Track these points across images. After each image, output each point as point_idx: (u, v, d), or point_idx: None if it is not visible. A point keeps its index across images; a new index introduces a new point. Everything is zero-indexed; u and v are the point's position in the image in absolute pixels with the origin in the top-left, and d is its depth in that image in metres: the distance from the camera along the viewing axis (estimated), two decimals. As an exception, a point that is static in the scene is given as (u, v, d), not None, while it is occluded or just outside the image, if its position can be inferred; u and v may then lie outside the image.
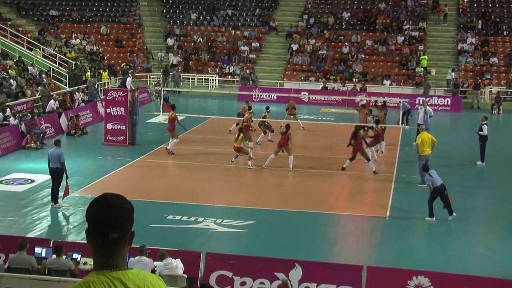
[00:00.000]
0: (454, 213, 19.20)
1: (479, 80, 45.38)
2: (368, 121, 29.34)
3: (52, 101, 32.76)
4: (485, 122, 26.49)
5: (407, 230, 18.80)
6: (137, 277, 3.47)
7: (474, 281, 13.46)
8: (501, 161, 27.77)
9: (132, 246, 10.04)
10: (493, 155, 26.55)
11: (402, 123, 32.11)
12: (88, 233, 3.46)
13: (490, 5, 53.54)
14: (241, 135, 24.71)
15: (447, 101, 43.11)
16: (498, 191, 23.66)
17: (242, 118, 28.25)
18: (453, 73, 45.61)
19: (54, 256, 13.31)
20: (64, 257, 13.27)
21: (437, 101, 42.97)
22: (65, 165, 19.56)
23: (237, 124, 27.70)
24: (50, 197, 19.89)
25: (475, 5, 53.97)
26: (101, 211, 3.42)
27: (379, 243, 18.09)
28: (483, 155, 26.45)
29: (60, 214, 19.35)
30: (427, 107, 30.31)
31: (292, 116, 32.77)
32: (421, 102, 33.60)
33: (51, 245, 14.16)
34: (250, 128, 27.97)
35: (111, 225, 3.41)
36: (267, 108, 30.95)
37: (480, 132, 26.25)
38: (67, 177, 19.55)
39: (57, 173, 19.54)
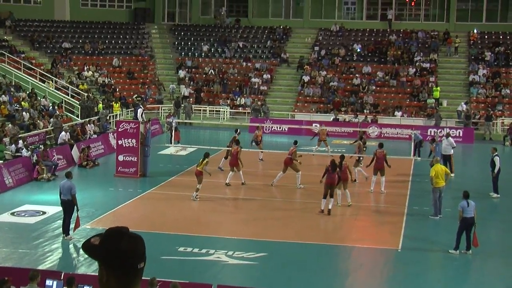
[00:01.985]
0: (470, 251, 19.01)
1: (491, 112, 45.31)
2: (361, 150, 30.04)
3: (63, 132, 32.91)
4: (496, 153, 26.38)
5: (420, 263, 18.63)
6: None
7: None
8: (513, 192, 27.59)
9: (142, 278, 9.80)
10: (506, 187, 26.38)
11: (414, 154, 32.06)
12: (110, 268, 3.42)
13: (501, 37, 53.64)
14: (206, 159, 24.57)
15: (459, 132, 42.99)
16: (511, 224, 23.49)
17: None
18: (465, 105, 45.55)
19: (65, 288, 13.26)
20: (75, 289, 13.21)
21: (449, 132, 42.78)
22: (76, 197, 19.58)
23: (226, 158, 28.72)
24: (61, 229, 19.89)
25: (486, 36, 54.08)
26: (129, 242, 3.43)
27: (391, 276, 17.94)
28: (496, 187, 26.30)
29: (71, 246, 19.33)
30: (450, 138, 30.61)
31: (322, 142, 33.25)
32: (444, 134, 33.71)
33: (62, 277, 14.12)
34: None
35: (140, 255, 3.46)
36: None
37: (495, 170, 26.09)
38: (78, 209, 19.57)
39: (68, 205, 19.57)
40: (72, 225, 19.69)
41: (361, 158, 28.07)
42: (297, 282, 16.25)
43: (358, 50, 53.16)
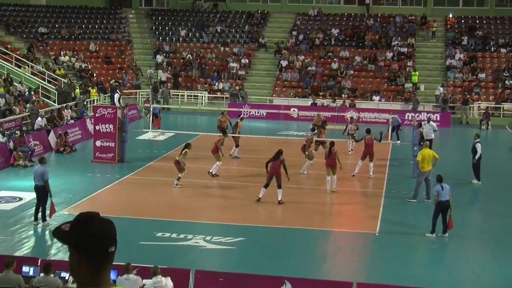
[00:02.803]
0: (447, 234, 19.17)
1: (468, 96, 45.61)
2: (350, 129, 30.95)
3: (39, 118, 32.66)
4: (478, 140, 26.38)
5: (397, 246, 18.75)
6: None
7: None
8: (491, 176, 27.82)
9: (118, 264, 9.88)
10: (483, 171, 26.58)
11: (391, 138, 32.25)
12: (81, 252, 3.42)
13: (477, 21, 53.91)
14: (185, 150, 24.31)
15: (436, 116, 43.19)
16: (489, 207, 23.73)
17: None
18: (442, 89, 45.83)
19: (42, 274, 13.20)
20: (52, 275, 13.15)
21: (430, 116, 43.02)
22: (49, 183, 19.39)
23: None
24: (34, 214, 19.74)
25: (463, 21, 54.32)
26: (99, 226, 3.42)
27: (369, 259, 18.05)
28: (477, 173, 26.34)
29: (48, 232, 19.22)
30: (431, 122, 30.81)
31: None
32: (425, 118, 33.88)
33: (39, 264, 14.05)
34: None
35: (111, 239, 3.45)
36: (240, 116, 31.00)
37: (476, 157, 26.15)
38: (51, 195, 19.39)
39: (41, 191, 19.39)
40: (48, 212, 19.56)
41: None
42: (275, 267, 16.28)
43: (336, 35, 53.22)
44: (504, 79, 47.78)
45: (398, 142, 32.34)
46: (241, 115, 31.96)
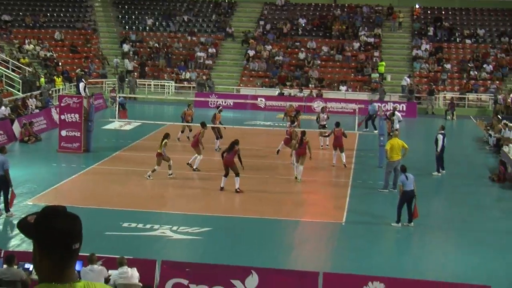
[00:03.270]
0: (412, 223, 19.31)
1: (433, 86, 45.99)
2: (322, 118, 30.74)
3: (3, 107, 32.21)
4: (442, 132, 26.52)
5: (364, 236, 18.85)
6: None
7: (428, 286, 13.56)
8: (455, 166, 28.10)
9: (83, 255, 9.74)
10: (446, 160, 26.82)
11: (366, 127, 32.41)
12: (43, 247, 3.34)
13: (443, 12, 54.35)
14: (165, 140, 24.16)
15: (402, 107, 43.49)
16: (452, 196, 24.00)
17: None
18: (409, 79, 46.15)
19: (5, 266, 13.02)
20: (15, 267, 12.99)
21: (396, 106, 43.28)
22: (9, 172, 19.06)
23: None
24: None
25: (429, 11, 54.72)
26: (62, 222, 3.33)
27: (335, 249, 18.14)
28: (439, 164, 26.48)
29: (11, 223, 18.97)
30: (396, 112, 30.90)
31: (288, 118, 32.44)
32: (376, 109, 33.91)
33: (1, 255, 13.86)
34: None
35: (74, 235, 3.35)
36: (219, 108, 30.95)
37: (438, 149, 26.25)
38: (11, 185, 19.10)
39: (1, 181, 19.06)
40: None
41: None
42: (242, 257, 16.28)
43: (303, 25, 53.26)
44: (469, 70, 48.28)
45: (375, 131, 32.38)
46: (220, 107, 31.73)
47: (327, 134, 28.88)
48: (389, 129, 29.01)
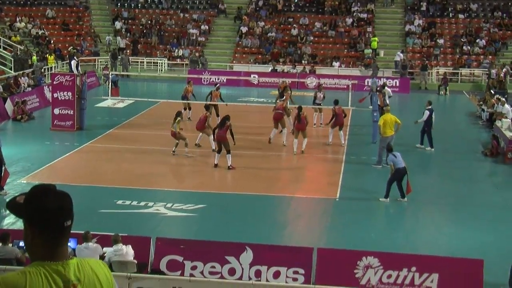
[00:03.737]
0: (405, 198, 19.38)
1: (426, 62, 45.96)
2: (319, 97, 29.91)
3: (-5, 86, 32.12)
4: (429, 107, 26.53)
5: (357, 212, 18.93)
6: (78, 268, 3.40)
7: (422, 261, 13.65)
8: (448, 141, 28.18)
9: (77, 232, 9.77)
10: (439, 136, 26.89)
11: (372, 104, 32.40)
12: (35, 226, 3.35)
13: (436, -13, 54.15)
14: (178, 118, 24.12)
15: (395, 82, 43.52)
16: (445, 171, 24.09)
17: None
18: (402, 54, 46.11)
19: (0, 244, 13.06)
20: (10, 245, 13.03)
21: (385, 82, 43.29)
22: (1, 150, 18.99)
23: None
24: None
25: (422, -13, 54.48)
26: (53, 200, 3.35)
27: (329, 225, 18.21)
28: (426, 139, 26.47)
29: (5, 201, 18.95)
30: (386, 88, 30.78)
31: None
32: (378, 84, 33.86)
33: (-4, 234, 13.87)
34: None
35: (66, 213, 3.37)
36: (216, 86, 30.47)
37: (419, 120, 26.26)
38: (3, 164, 19.04)
39: None
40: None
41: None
42: (236, 233, 16.34)
43: (295, 0, 53.03)
44: (462, 44, 48.23)
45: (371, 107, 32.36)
46: (218, 84, 31.21)
47: (331, 119, 26.62)
48: (381, 102, 28.88)
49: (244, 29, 50.21)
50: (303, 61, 47.36)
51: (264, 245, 14.45)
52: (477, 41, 48.30)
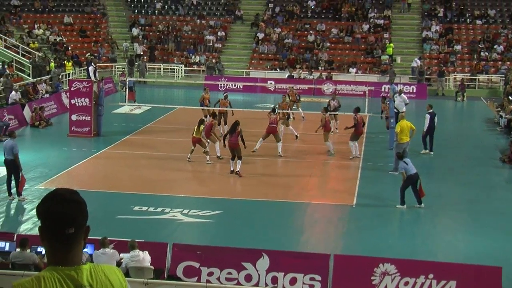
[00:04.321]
0: (422, 204, 19.31)
1: (444, 68, 45.78)
2: (332, 105, 29.67)
3: (13, 92, 32.31)
4: (431, 111, 26.41)
5: (374, 218, 18.88)
6: (90, 273, 3.42)
7: (440, 267, 13.57)
8: (464, 147, 28.05)
9: (94, 238, 9.84)
10: (457, 142, 26.77)
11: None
12: (42, 230, 3.39)
13: (453, -7, 53.97)
14: (202, 126, 24.19)
15: (413, 88, 43.38)
16: (462, 177, 23.91)
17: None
18: (419, 61, 45.97)
19: (18, 249, 13.13)
20: (28, 250, 13.10)
21: (403, 88, 43.11)
22: (18, 156, 19.14)
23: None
24: (7, 189, 19.53)
25: (439, -8, 54.34)
26: (56, 206, 3.36)
27: (346, 231, 18.15)
28: (426, 143, 26.33)
29: (24, 207, 19.10)
30: (402, 94, 30.59)
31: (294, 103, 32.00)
32: (397, 90, 33.70)
33: (15, 239, 13.97)
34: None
35: (68, 220, 3.36)
36: (224, 94, 30.19)
37: (424, 128, 25.97)
38: (21, 169, 19.18)
39: (11, 165, 19.14)
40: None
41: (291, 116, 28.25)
42: (252, 239, 16.34)
43: (312, 7, 53.02)
44: (480, 50, 48.00)
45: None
46: (226, 93, 30.86)
47: (351, 126, 25.56)
48: (387, 112, 28.48)
49: (260, 36, 50.27)
50: (319, 67, 47.33)
51: (281, 251, 14.43)
52: (494, 47, 48.07)
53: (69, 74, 42.13)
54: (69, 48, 48.15)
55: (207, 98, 29.96)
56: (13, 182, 19.44)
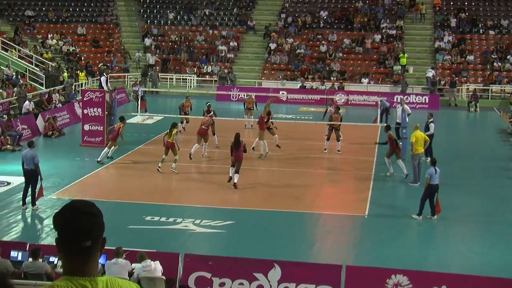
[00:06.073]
0: (435, 216, 19.20)
1: (456, 78, 45.67)
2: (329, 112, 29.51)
3: (27, 102, 32.49)
4: (431, 119, 26.39)
5: (386, 229, 18.81)
6: (106, 285, 3.41)
7: (453, 279, 13.50)
8: (477, 158, 27.92)
9: (107, 248, 9.80)
10: (469, 152, 26.65)
11: (381, 121, 32.11)
12: (58, 242, 3.40)
13: (466, 3, 53.86)
14: (174, 130, 24.11)
15: (425, 99, 43.30)
16: (475, 188, 23.78)
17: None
18: (433, 71, 45.88)
19: (30, 259, 13.17)
20: (40, 260, 13.13)
21: (415, 99, 43.13)
22: (39, 166, 19.31)
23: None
24: (22, 199, 19.60)
25: (451, 3, 54.26)
26: (73, 219, 3.36)
27: (358, 242, 18.09)
28: (431, 152, 26.16)
29: (37, 216, 19.16)
30: (405, 105, 30.32)
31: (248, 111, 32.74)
32: (399, 101, 33.62)
33: (27, 248, 14.00)
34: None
35: (84, 233, 3.36)
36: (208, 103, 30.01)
37: (427, 132, 25.70)
38: (41, 179, 19.31)
39: (31, 175, 19.29)
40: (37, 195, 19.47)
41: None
42: (264, 250, 16.31)
43: (324, 17, 53.07)
44: (493, 61, 47.86)
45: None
46: (208, 102, 30.36)
47: (383, 143, 25.40)
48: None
49: (272, 46, 50.35)
50: (331, 78, 47.31)
51: (293, 262, 14.40)
52: (508, 57, 47.92)
53: (82, 84, 42.32)
54: (82, 58, 48.42)
55: (188, 106, 30.61)
56: (29, 191, 19.52)
